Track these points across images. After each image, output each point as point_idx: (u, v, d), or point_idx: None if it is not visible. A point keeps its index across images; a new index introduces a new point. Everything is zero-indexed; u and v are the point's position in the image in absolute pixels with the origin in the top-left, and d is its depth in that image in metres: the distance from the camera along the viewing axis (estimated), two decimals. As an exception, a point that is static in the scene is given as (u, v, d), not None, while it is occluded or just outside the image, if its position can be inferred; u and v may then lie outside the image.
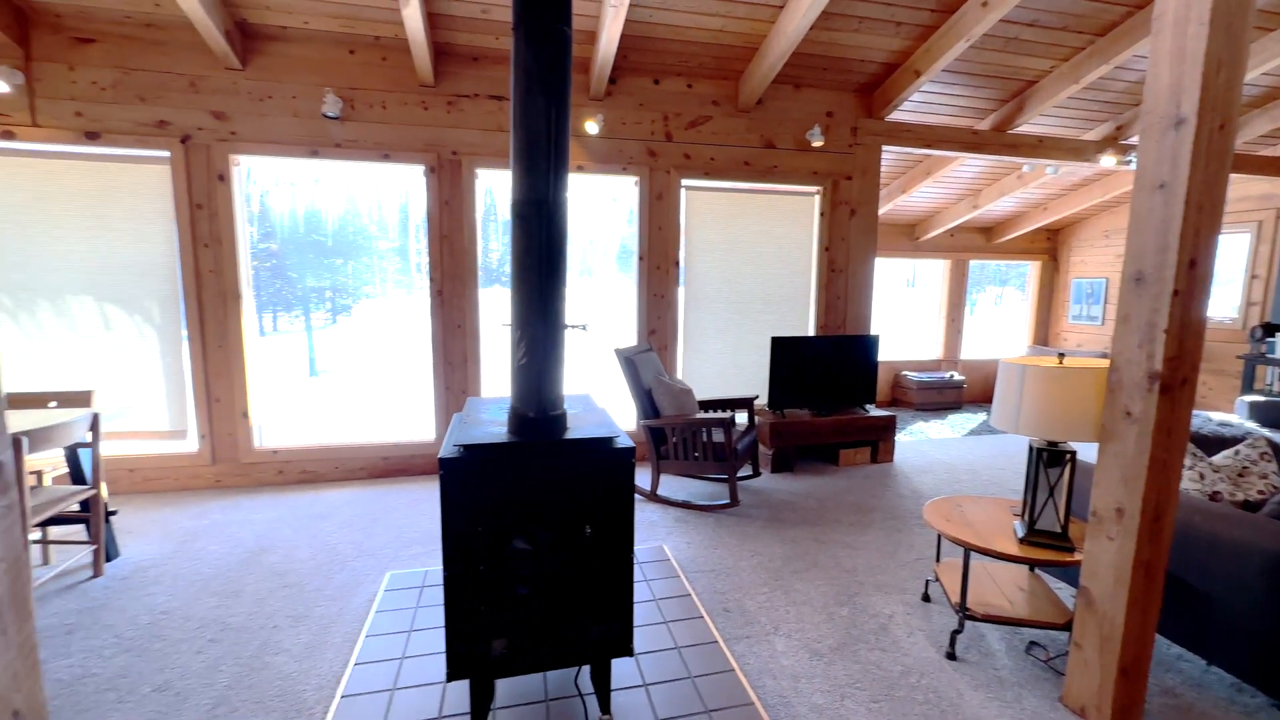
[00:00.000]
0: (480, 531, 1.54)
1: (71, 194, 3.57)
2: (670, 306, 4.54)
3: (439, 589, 2.57)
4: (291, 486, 3.94)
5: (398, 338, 3.78)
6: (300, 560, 2.90)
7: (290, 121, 3.73)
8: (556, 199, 1.57)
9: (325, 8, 3.46)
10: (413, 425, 4.25)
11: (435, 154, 3.95)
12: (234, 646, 2.22)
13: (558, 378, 1.66)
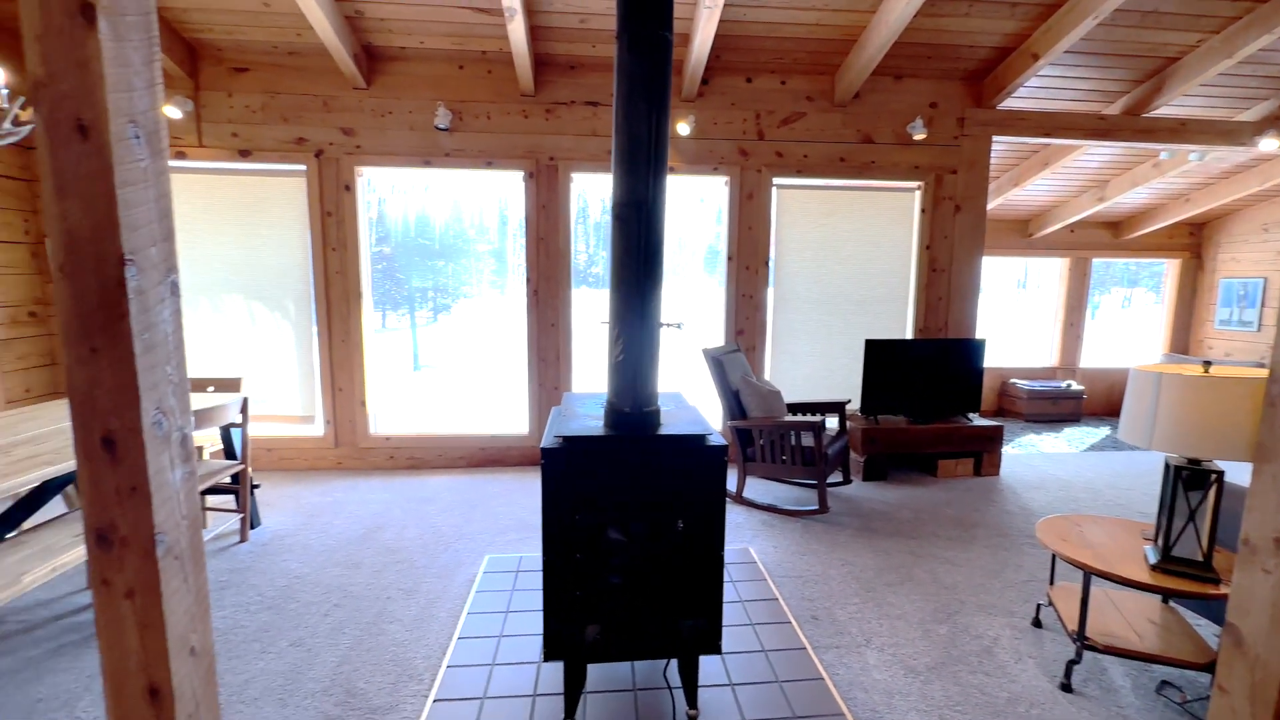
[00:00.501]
0: (577, 520, 1.62)
1: (228, 205, 4.08)
2: (759, 307, 4.49)
3: (533, 574, 2.71)
4: (401, 471, 4.28)
5: (492, 335, 4.00)
6: (409, 539, 3.15)
7: (407, 134, 4.05)
8: (655, 201, 1.62)
9: (440, 28, 3.73)
10: (507, 419, 4.48)
11: (534, 160, 4.14)
12: (355, 612, 2.46)
13: (653, 375, 1.71)
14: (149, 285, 1.25)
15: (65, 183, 1.15)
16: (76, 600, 2.51)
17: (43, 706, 1.90)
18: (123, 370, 1.21)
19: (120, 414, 1.23)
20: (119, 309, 1.20)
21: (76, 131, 1.15)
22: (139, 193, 1.22)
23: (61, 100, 1.14)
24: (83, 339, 1.20)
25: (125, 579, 1.28)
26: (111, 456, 1.23)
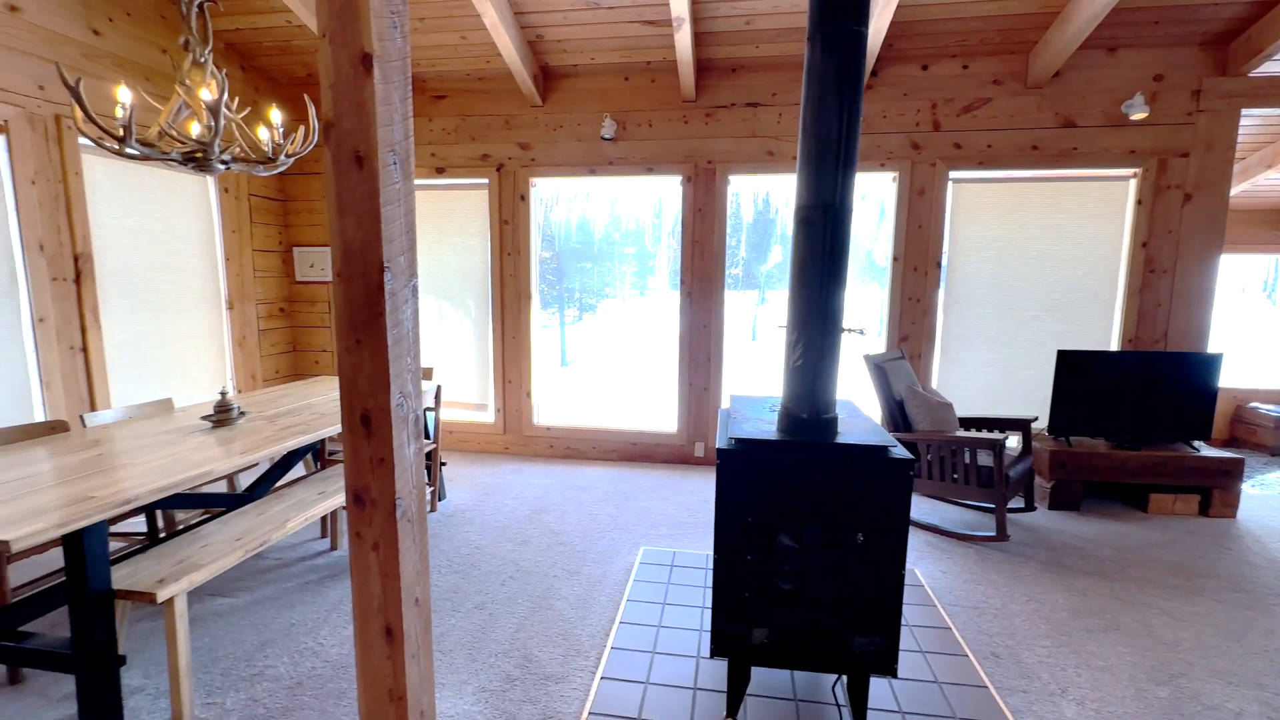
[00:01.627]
0: (749, 522, 1.63)
1: (422, 216, 4.66)
2: (927, 312, 4.15)
3: (688, 570, 2.76)
4: (558, 459, 4.60)
5: (634, 335, 4.17)
6: (570, 524, 3.37)
7: (575, 146, 4.33)
8: (843, 203, 1.57)
9: (609, 43, 3.94)
10: (655, 417, 4.60)
11: (692, 164, 4.21)
12: (526, 585, 2.69)
13: (832, 382, 1.67)
14: (398, 288, 1.46)
15: (345, 204, 1.40)
16: (313, 547, 3.03)
17: (295, 630, 2.32)
18: (378, 359, 1.44)
19: (375, 396, 1.46)
20: (378, 308, 1.43)
21: (354, 161, 1.39)
22: (394, 210, 1.43)
23: (345, 136, 1.38)
24: (351, 332, 1.44)
25: (373, 534, 1.52)
26: (367, 431, 1.47)
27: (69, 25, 3.19)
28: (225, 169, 2.53)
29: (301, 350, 4.94)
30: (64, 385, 3.21)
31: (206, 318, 4.14)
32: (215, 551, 2.04)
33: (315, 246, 4.77)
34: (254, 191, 4.46)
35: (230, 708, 1.90)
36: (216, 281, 4.21)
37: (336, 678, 2.05)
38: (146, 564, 1.94)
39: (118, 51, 3.44)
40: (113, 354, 3.50)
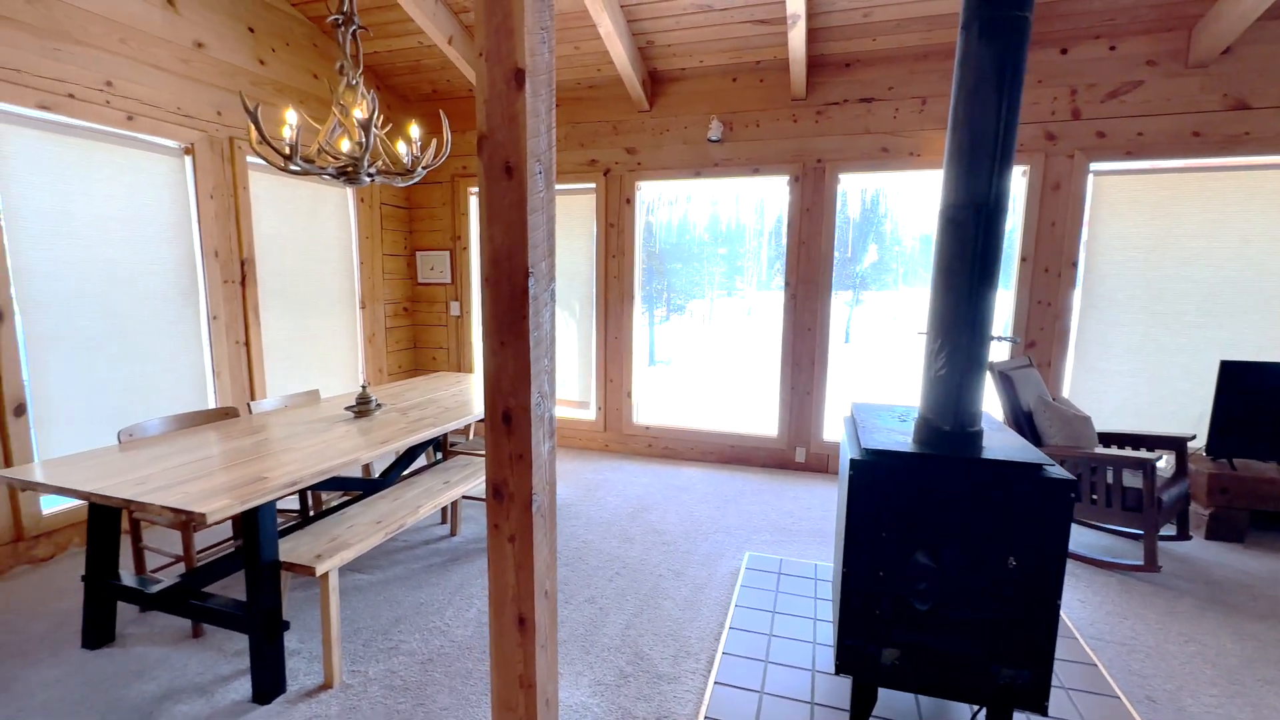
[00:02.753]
0: (883, 537, 1.56)
1: (532, 221, 4.86)
2: (1059, 316, 3.80)
3: (797, 579, 2.70)
4: (657, 458, 4.63)
5: (728, 336, 4.10)
6: (671, 523, 3.39)
7: (681, 148, 4.35)
8: (998, 202, 1.47)
9: (719, 45, 3.92)
10: (753, 420, 4.53)
11: (800, 163, 4.11)
12: (633, 582, 2.73)
13: (978, 393, 1.56)
14: (540, 292, 1.53)
15: (494, 211, 1.47)
16: (435, 532, 3.24)
17: (424, 609, 2.49)
18: (520, 360, 1.51)
19: (516, 395, 1.53)
20: (522, 311, 1.50)
21: (504, 171, 1.46)
22: (538, 218, 1.50)
23: (497, 148, 1.46)
24: (496, 334, 1.52)
25: (510, 526, 1.60)
26: (508, 429, 1.55)
27: (241, 57, 3.61)
28: (370, 181, 2.76)
29: (421, 347, 5.31)
30: (231, 375, 3.64)
31: (343, 316, 4.55)
32: (360, 532, 2.23)
33: (435, 250, 5.11)
34: (384, 201, 4.85)
35: (372, 677, 2.07)
36: (352, 283, 4.61)
37: (463, 657, 2.18)
38: (304, 540, 2.16)
39: (279, 78, 3.86)
40: (268, 348, 3.93)
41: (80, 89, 2.84)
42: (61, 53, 2.77)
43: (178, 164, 3.34)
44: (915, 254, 4.30)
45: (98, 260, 2.99)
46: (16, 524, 2.68)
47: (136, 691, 1.96)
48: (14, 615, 2.38)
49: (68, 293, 2.88)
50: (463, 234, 5.05)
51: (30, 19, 2.65)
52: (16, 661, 2.10)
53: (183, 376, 3.42)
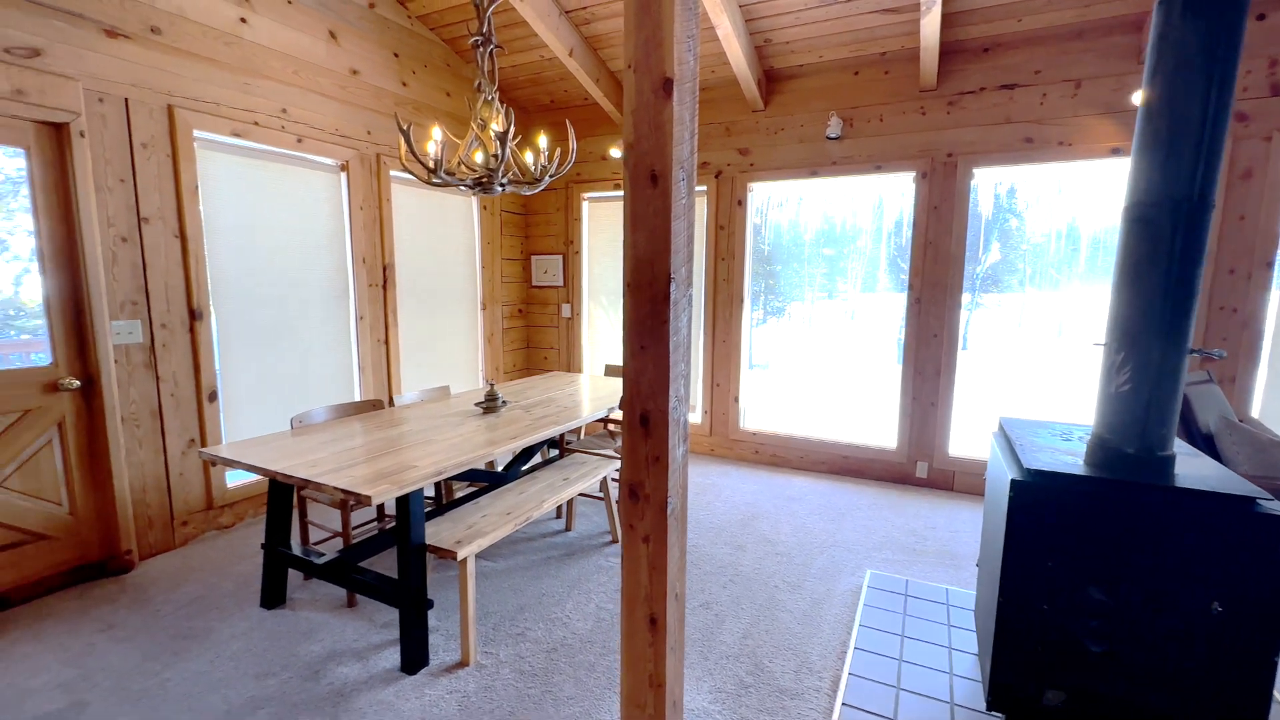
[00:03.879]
0: (1049, 567, 1.42)
1: (642, 224, 4.93)
2: (1247, 324, 3.28)
3: (926, 604, 2.52)
4: (764, 465, 4.54)
5: (833, 340, 3.88)
6: (784, 534, 3.30)
7: (796, 148, 4.23)
8: (1203, 198, 1.28)
9: (839, 39, 3.77)
10: (869, 430, 4.30)
11: (928, 159, 3.85)
12: (748, 591, 2.68)
13: (1170, 413, 1.37)
14: (679, 297, 1.53)
15: (638, 218, 1.50)
16: (551, 526, 3.38)
17: (545, 600, 2.60)
18: (660, 364, 1.52)
19: (655, 399, 1.54)
20: (662, 316, 1.51)
21: (650, 179, 1.48)
22: (680, 224, 1.50)
23: (642, 156, 1.48)
24: (637, 338, 1.54)
25: (644, 527, 1.61)
26: (646, 431, 1.56)
27: (387, 81, 3.96)
28: (501, 190, 2.93)
29: (533, 347, 5.56)
30: (373, 370, 4.01)
31: (465, 317, 4.86)
32: (492, 522, 2.36)
33: (548, 255, 5.33)
34: (504, 208, 5.12)
35: (503, 659, 2.19)
36: (474, 286, 4.92)
37: (584, 650, 2.25)
38: (445, 525, 2.32)
39: (418, 98, 4.19)
40: (404, 346, 4.28)
41: (263, 117, 3.25)
42: (250, 86, 3.18)
43: (334, 180, 3.73)
44: (1049, 253, 3.87)
45: (272, 267, 3.40)
46: (208, 494, 3.11)
47: (306, 650, 2.21)
48: (207, 573, 2.75)
49: (248, 296, 3.29)
50: (575, 239, 5.23)
51: (228, 59, 3.07)
52: (213, 614, 2.42)
53: (335, 370, 3.81)
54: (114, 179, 2.68)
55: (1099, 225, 3.68)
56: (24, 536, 2.50)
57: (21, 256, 2.53)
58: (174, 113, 2.85)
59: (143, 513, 2.85)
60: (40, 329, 2.57)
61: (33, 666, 2.09)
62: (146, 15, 2.75)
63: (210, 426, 3.09)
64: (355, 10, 3.70)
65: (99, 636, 2.26)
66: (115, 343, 2.70)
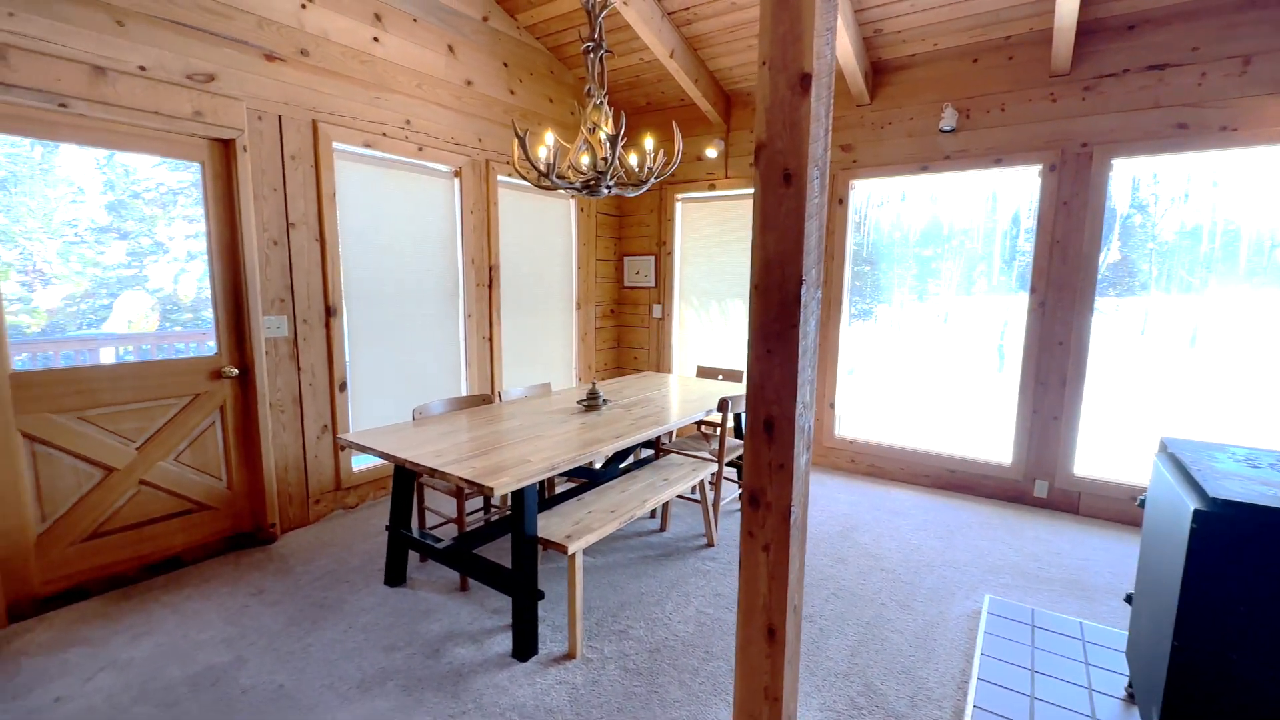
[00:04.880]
0: (1241, 612, 1.25)
1: (739, 223, 4.87)
2: None
3: (1055, 636, 2.32)
4: (860, 475, 4.35)
5: (923, 343, 3.60)
6: (888, 549, 3.14)
7: (904, 142, 4.02)
8: None
9: (957, 24, 3.55)
10: (979, 443, 4.02)
11: (1058, 150, 3.54)
12: (852, 607, 2.58)
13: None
14: (809, 300, 1.48)
15: (768, 219, 1.46)
16: (645, 525, 3.40)
17: (644, 599, 2.62)
18: (787, 369, 1.48)
19: (780, 404, 1.50)
20: (792, 319, 1.47)
21: (783, 179, 1.44)
22: (812, 224, 1.45)
23: (776, 155, 1.45)
24: (763, 341, 1.51)
25: (765, 535, 1.58)
26: (769, 437, 1.53)
27: (497, 90, 4.14)
28: (607, 192, 2.98)
29: (624, 347, 5.63)
30: (478, 365, 4.21)
31: (561, 316, 5.00)
32: (598, 519, 2.41)
33: (641, 256, 5.38)
34: (599, 210, 5.23)
35: (608, 655, 2.22)
36: (570, 286, 5.05)
37: (687, 653, 2.24)
38: (553, 520, 2.39)
39: (524, 105, 4.36)
40: (506, 343, 4.46)
41: (390, 128, 3.49)
42: (380, 100, 3.43)
43: (448, 185, 3.94)
44: (1188, 252, 3.41)
45: (393, 268, 3.64)
46: (337, 476, 3.39)
47: (425, 629, 2.35)
48: (337, 549, 3.00)
49: (372, 294, 3.55)
50: (667, 239, 5.24)
51: (362, 75, 3.32)
52: (344, 587, 2.63)
53: (444, 365, 4.03)
54: (268, 188, 2.97)
55: (1268, 221, 3.22)
56: (192, 505, 2.83)
57: (179, 258, 2.86)
58: (318, 127, 3.12)
59: (284, 490, 3.14)
60: (191, 321, 2.89)
61: (201, 622, 2.36)
62: (298, 40, 3.03)
63: (340, 414, 3.36)
64: (471, 24, 3.90)
65: (252, 600, 2.52)
66: (266, 336, 3.00)
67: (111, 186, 2.63)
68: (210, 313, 2.88)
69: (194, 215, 2.82)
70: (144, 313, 2.80)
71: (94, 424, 2.52)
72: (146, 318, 2.81)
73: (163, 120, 2.58)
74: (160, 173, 2.75)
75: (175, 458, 2.76)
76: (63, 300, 2.56)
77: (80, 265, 2.59)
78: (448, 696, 1.98)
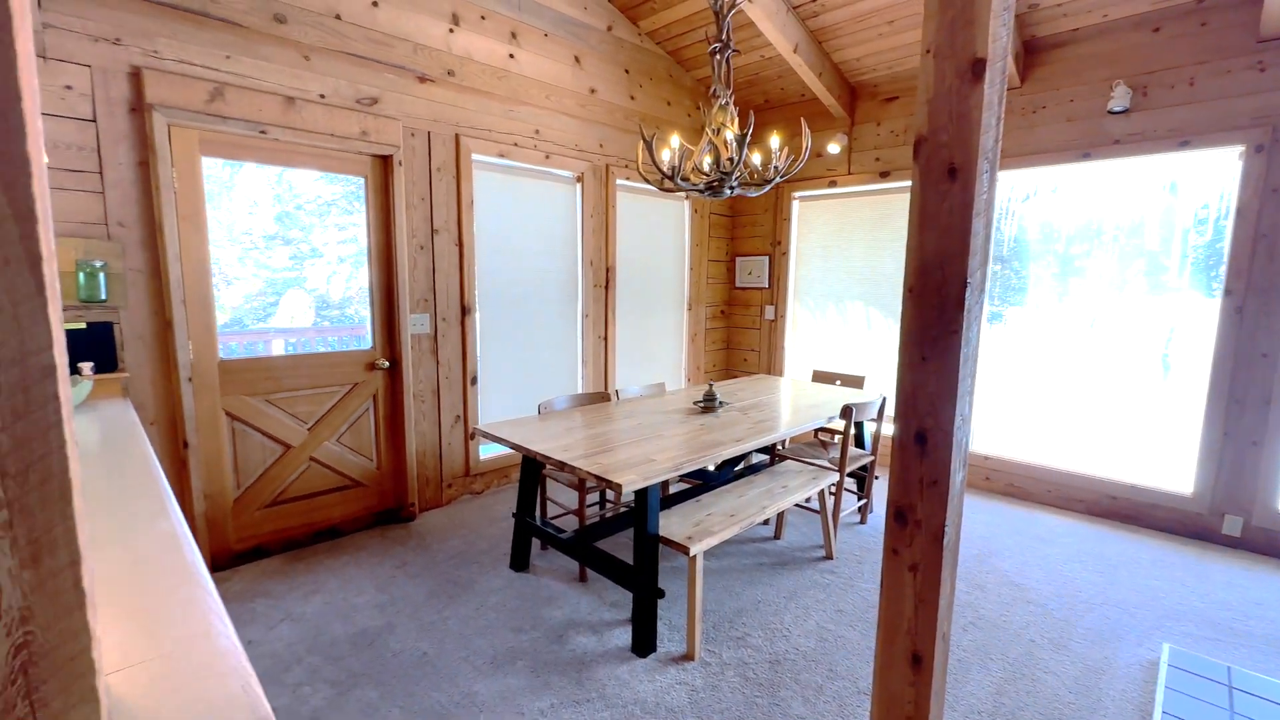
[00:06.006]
0: None
1: (858, 222, 4.63)
2: None
3: (1259, 701, 1.97)
4: (998, 495, 3.97)
5: (1064, 350, 3.16)
6: (1034, 580, 2.84)
7: (1060, 128, 3.61)
8: None
9: (1137, -9, 3.13)
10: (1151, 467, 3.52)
11: (1267, 127, 3.01)
12: (994, 639, 2.35)
13: None
14: (973, 304, 1.36)
15: (928, 217, 1.36)
16: (759, 532, 3.33)
17: (762, 607, 2.56)
18: (944, 378, 1.37)
19: (935, 416, 1.40)
20: (953, 325, 1.36)
21: (946, 174, 1.34)
22: (979, 221, 1.33)
23: (938, 149, 1.34)
24: (917, 348, 1.40)
25: (912, 554, 1.48)
26: (921, 450, 1.42)
27: (618, 96, 4.25)
28: (731, 193, 2.94)
29: (733, 349, 5.56)
30: (593, 364, 4.34)
31: (672, 317, 5.03)
32: (718, 522, 2.39)
33: (754, 256, 5.28)
34: (713, 210, 5.19)
35: (727, 661, 2.20)
36: (682, 287, 5.07)
37: (810, 669, 2.16)
38: (674, 520, 2.41)
39: (643, 109, 4.43)
40: (620, 343, 4.57)
41: (521, 138, 3.69)
42: (513, 113, 3.63)
43: (571, 190, 4.10)
44: None
45: (518, 269, 3.85)
46: (466, 463, 3.64)
47: (549, 614, 2.45)
48: (466, 531, 3.22)
49: (501, 295, 3.77)
50: (783, 239, 5.10)
51: (499, 90, 3.54)
52: (474, 568, 2.82)
53: (562, 363, 4.20)
54: (417, 198, 3.25)
55: None
56: (348, 482, 3.17)
57: (330, 261, 3.18)
58: (460, 140, 3.37)
59: (422, 473, 3.43)
60: (337, 317, 3.21)
61: (357, 587, 2.63)
62: (446, 61, 3.28)
63: (471, 407, 3.61)
64: (596, 35, 4.03)
65: (397, 572, 2.77)
66: (412, 332, 3.28)
67: (279, 200, 3.00)
68: (353, 310, 3.21)
69: (343, 224, 3.14)
70: (303, 309, 3.16)
71: (277, 406, 2.90)
72: (305, 314, 3.16)
73: (336, 141, 2.90)
74: (319, 187, 3.08)
75: (337, 439, 3.10)
76: (242, 298, 2.95)
77: (254, 268, 2.96)
78: (572, 683, 2.05)
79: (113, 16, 2.35)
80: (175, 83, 2.46)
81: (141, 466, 1.64)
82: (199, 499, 2.66)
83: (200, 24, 2.54)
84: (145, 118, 2.42)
